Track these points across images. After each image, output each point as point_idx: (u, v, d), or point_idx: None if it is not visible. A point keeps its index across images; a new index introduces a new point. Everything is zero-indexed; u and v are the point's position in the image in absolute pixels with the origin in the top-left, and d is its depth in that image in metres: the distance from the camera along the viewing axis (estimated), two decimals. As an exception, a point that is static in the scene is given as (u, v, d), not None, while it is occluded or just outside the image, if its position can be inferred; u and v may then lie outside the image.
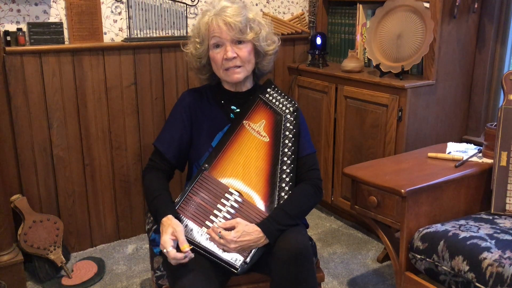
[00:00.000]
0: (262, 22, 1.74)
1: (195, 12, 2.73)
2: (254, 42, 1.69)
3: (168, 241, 1.48)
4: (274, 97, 1.76)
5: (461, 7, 2.45)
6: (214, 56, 1.68)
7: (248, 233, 1.53)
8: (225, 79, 1.73)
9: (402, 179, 1.90)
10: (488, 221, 1.87)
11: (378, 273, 2.42)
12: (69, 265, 2.45)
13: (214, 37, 1.65)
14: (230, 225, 1.55)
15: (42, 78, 2.33)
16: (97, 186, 2.59)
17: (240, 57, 1.66)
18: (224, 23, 1.63)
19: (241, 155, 1.67)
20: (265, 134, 1.70)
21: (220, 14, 1.64)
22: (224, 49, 1.65)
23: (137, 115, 2.62)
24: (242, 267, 1.52)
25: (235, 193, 1.60)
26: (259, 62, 1.76)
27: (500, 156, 1.95)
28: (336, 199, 2.85)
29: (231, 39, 1.65)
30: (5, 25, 2.25)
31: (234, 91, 1.77)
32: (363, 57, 2.83)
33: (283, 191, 1.63)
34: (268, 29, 1.75)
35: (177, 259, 1.45)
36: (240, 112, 1.73)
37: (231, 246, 1.51)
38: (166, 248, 1.47)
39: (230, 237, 1.51)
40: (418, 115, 2.45)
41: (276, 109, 1.74)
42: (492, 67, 2.64)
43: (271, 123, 1.72)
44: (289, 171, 1.66)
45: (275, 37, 1.79)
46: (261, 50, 1.72)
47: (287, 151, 1.68)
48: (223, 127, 1.73)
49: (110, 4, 2.48)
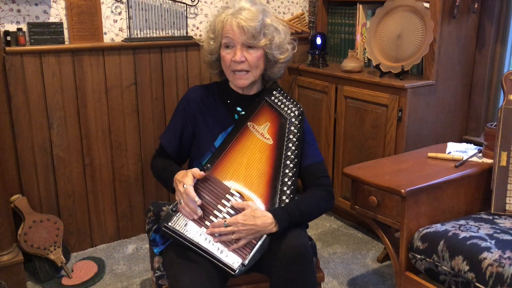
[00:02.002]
0: (279, 28, 1.70)
1: (195, 12, 2.73)
2: (266, 49, 1.67)
3: (190, 177, 1.55)
4: (280, 100, 1.75)
5: (461, 7, 2.45)
6: (224, 56, 1.67)
7: (256, 217, 1.51)
8: (231, 80, 1.73)
9: (402, 179, 1.90)
10: (488, 221, 1.87)
11: (378, 273, 2.42)
12: (69, 265, 2.45)
13: (226, 37, 1.64)
14: (242, 206, 1.54)
15: (42, 78, 2.33)
16: (97, 186, 2.59)
17: (248, 62, 1.65)
18: (238, 26, 1.61)
19: (244, 157, 1.66)
20: (269, 137, 1.69)
21: (236, 16, 1.62)
22: (234, 51, 1.65)
23: (137, 115, 2.62)
24: (239, 270, 1.51)
25: (236, 195, 1.59)
26: (269, 69, 1.74)
27: (500, 156, 1.95)
28: (336, 199, 2.85)
29: (242, 42, 1.63)
30: (5, 25, 2.25)
31: (242, 93, 1.77)
32: (363, 57, 2.83)
33: (285, 195, 1.61)
34: (284, 36, 1.71)
35: (190, 195, 1.50)
36: (245, 114, 1.72)
37: (240, 228, 1.49)
38: (186, 183, 1.52)
39: (238, 220, 1.50)
40: (418, 115, 2.45)
41: (281, 112, 1.73)
42: (492, 67, 2.64)
43: (275, 126, 1.71)
44: (291, 174, 1.64)
45: (290, 45, 1.75)
46: (271, 58, 1.70)
47: (290, 155, 1.66)
48: (226, 127, 1.72)
49: (110, 4, 2.48)
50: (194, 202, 1.52)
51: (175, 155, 1.77)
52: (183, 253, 1.53)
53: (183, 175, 1.58)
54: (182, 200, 1.53)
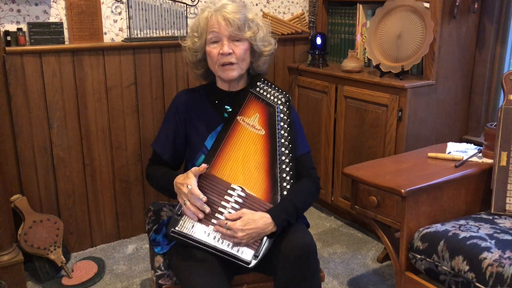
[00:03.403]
0: (260, 23, 1.76)
1: (195, 12, 2.73)
2: (251, 41, 1.71)
3: (191, 178, 1.55)
4: (265, 90, 1.77)
5: (461, 7, 2.45)
6: (211, 51, 1.69)
7: (254, 220, 1.53)
8: (219, 75, 1.74)
9: (402, 179, 1.90)
10: (488, 221, 1.87)
11: (378, 273, 2.42)
12: (69, 265, 2.45)
13: (212, 32, 1.67)
14: (237, 216, 1.55)
15: (42, 78, 2.33)
16: (97, 186, 2.59)
17: (235, 54, 1.68)
18: (223, 19, 1.65)
19: (239, 151, 1.67)
20: (260, 128, 1.71)
21: (220, 10, 1.66)
22: (221, 44, 1.67)
23: (137, 115, 2.62)
24: (254, 261, 1.52)
25: (237, 188, 1.61)
26: (254, 61, 1.78)
27: (500, 156, 1.95)
28: (336, 199, 2.85)
29: (229, 35, 1.66)
30: (5, 25, 2.25)
31: (228, 90, 1.79)
32: (363, 57, 2.83)
33: (285, 181, 1.64)
34: (266, 30, 1.77)
35: (195, 193, 1.51)
36: (233, 109, 1.74)
37: (239, 235, 1.51)
38: (190, 183, 1.53)
39: (236, 226, 1.51)
40: (418, 115, 2.45)
41: (268, 101, 1.75)
42: (492, 67, 2.64)
43: (265, 116, 1.73)
44: (288, 161, 1.67)
45: (272, 39, 1.81)
46: (257, 50, 1.74)
47: (284, 142, 1.69)
48: (216, 127, 1.74)
49: (110, 4, 2.48)
50: (200, 200, 1.52)
51: (170, 160, 1.78)
52: (189, 253, 1.54)
53: (184, 177, 1.58)
54: (187, 201, 1.54)
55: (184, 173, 1.62)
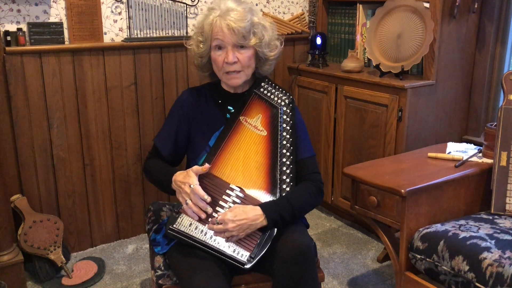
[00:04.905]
0: (266, 25, 1.73)
1: (195, 12, 2.73)
2: (256, 47, 1.69)
3: (193, 176, 1.55)
4: (269, 91, 1.77)
5: (461, 7, 2.45)
6: (216, 58, 1.69)
7: (245, 211, 1.53)
8: (224, 81, 1.75)
9: (402, 179, 1.90)
10: (488, 221, 1.87)
11: (378, 273, 2.42)
12: (69, 265, 2.45)
13: (216, 39, 1.66)
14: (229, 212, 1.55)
15: (42, 78, 2.33)
16: (97, 186, 2.59)
17: (240, 62, 1.67)
18: (228, 28, 1.62)
19: (240, 151, 1.67)
20: (262, 128, 1.71)
21: (225, 17, 1.63)
22: (226, 52, 1.66)
23: (137, 115, 2.62)
24: (249, 262, 1.52)
25: (236, 189, 1.61)
26: (260, 67, 1.76)
27: (500, 156, 1.95)
28: (336, 199, 2.85)
29: (233, 43, 1.65)
30: (5, 25, 2.25)
31: (233, 92, 1.79)
32: (363, 57, 2.83)
33: (285, 183, 1.64)
34: (271, 32, 1.75)
35: (199, 194, 1.51)
36: (236, 109, 1.74)
37: (229, 226, 1.50)
38: (192, 182, 1.52)
39: (227, 217, 1.51)
40: (418, 115, 2.45)
41: (271, 102, 1.75)
42: (492, 67, 2.64)
43: (267, 117, 1.73)
44: (289, 163, 1.66)
45: (278, 42, 1.78)
46: (262, 56, 1.72)
47: (285, 143, 1.68)
48: (219, 127, 1.73)
49: (110, 4, 2.48)
50: (203, 201, 1.53)
51: (169, 157, 1.78)
52: (189, 252, 1.54)
53: (184, 175, 1.58)
54: (188, 201, 1.54)
55: (184, 170, 1.62)
